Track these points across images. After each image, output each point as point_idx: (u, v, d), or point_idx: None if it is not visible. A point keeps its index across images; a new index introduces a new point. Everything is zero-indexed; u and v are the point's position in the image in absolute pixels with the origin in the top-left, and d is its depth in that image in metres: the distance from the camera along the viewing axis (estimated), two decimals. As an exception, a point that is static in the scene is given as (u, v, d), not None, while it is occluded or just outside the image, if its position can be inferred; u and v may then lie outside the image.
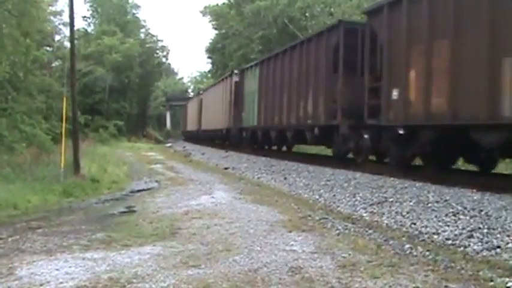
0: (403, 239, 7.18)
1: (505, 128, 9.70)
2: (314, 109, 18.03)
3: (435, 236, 7.18)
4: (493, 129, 9.96)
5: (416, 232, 7.53)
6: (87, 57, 51.26)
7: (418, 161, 14.70)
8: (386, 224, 8.29)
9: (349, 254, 6.23)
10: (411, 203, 9.27)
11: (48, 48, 41.35)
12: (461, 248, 6.49)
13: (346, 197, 10.80)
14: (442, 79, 11.28)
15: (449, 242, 6.83)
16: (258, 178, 15.87)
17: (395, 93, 12.98)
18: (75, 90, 17.11)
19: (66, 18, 41.70)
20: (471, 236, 6.86)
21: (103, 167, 17.75)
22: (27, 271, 5.59)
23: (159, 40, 78.49)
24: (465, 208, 8.39)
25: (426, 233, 7.39)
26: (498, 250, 6.21)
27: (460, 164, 14.89)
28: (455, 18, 10.84)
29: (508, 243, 6.37)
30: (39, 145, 21.83)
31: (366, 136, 15.01)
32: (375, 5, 14.53)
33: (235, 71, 31.84)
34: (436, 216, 8.15)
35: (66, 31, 42.91)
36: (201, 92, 49.98)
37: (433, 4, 11.68)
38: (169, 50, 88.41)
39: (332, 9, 40.26)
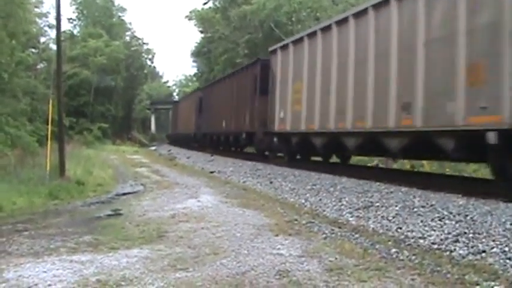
0: (390, 243, 7.22)
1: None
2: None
3: (421, 241, 7.23)
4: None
5: (403, 236, 7.58)
6: (72, 59, 50.97)
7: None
8: (373, 228, 8.33)
9: (336, 258, 6.25)
10: (397, 208, 9.34)
11: (33, 50, 41.11)
12: (447, 253, 6.54)
13: (332, 202, 10.85)
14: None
15: (435, 246, 6.88)
16: (244, 182, 15.89)
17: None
18: (61, 93, 17.03)
19: (51, 20, 41.78)
20: (457, 241, 6.92)
21: (88, 169, 17.66)
22: (15, 273, 5.55)
23: (145, 43, 78.09)
24: (451, 213, 8.47)
25: (412, 238, 7.43)
26: (483, 254, 6.27)
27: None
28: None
29: (493, 247, 6.43)
30: (24, 147, 21.66)
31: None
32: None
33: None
34: (422, 221, 8.21)
35: (52, 33, 42.93)
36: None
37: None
38: (154, 53, 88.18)
39: (318, 14, 40.39)
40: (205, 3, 59.48)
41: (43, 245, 7.01)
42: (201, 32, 63.45)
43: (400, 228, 8.04)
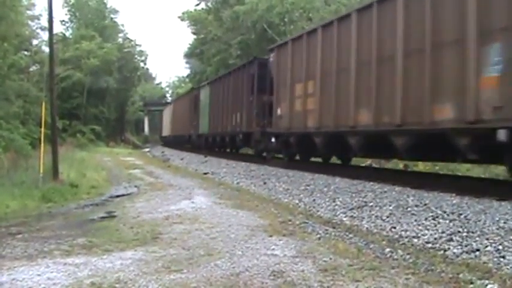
0: (384, 242, 7.22)
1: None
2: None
3: (415, 240, 7.24)
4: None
5: (397, 236, 7.59)
6: (65, 61, 50.94)
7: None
8: (367, 228, 8.34)
9: (331, 258, 6.24)
10: (391, 207, 9.36)
11: (25, 52, 41.02)
12: (441, 251, 6.55)
13: (326, 202, 10.85)
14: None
15: (429, 245, 6.89)
16: (238, 183, 15.87)
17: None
18: (54, 95, 16.99)
19: (44, 22, 41.79)
20: (451, 240, 6.93)
21: (82, 172, 17.62)
22: (8, 277, 5.53)
23: (138, 45, 78.11)
24: (444, 212, 8.49)
25: (406, 237, 7.44)
26: (477, 253, 6.28)
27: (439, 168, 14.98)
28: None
29: (487, 246, 6.45)
30: (17, 150, 21.61)
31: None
32: None
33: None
34: (415, 220, 8.23)
35: (44, 35, 42.90)
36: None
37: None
38: (147, 55, 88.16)
39: (311, 15, 40.37)
40: (197, 5, 59.50)
41: (37, 248, 6.98)
42: (194, 33, 63.47)
43: (394, 227, 8.05)
